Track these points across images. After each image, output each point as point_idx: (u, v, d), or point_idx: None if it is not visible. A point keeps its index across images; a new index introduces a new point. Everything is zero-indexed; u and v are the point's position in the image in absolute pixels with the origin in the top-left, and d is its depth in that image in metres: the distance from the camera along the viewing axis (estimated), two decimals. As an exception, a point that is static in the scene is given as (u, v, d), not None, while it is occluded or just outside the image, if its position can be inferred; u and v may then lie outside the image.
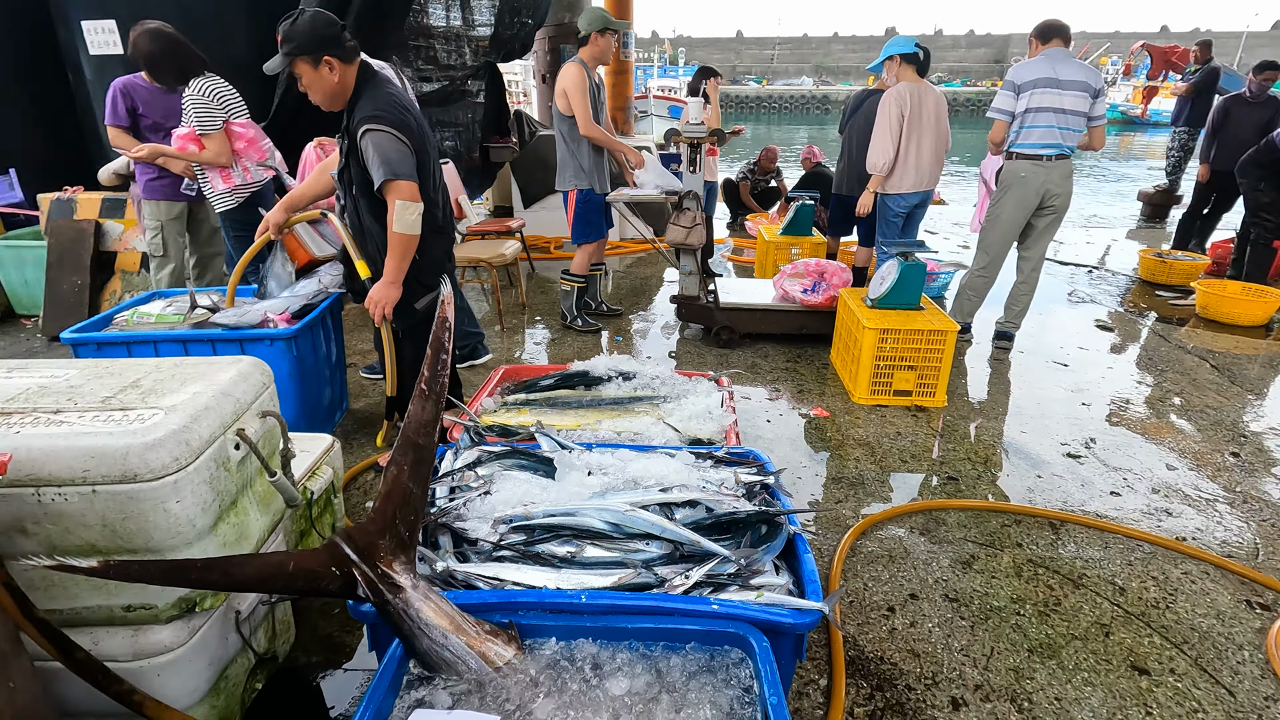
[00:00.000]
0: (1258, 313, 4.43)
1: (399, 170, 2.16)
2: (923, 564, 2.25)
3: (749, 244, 6.44)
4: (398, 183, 2.16)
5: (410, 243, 2.23)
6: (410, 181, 2.18)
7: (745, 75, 51.91)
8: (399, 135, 2.18)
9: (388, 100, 2.22)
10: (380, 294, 2.29)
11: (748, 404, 3.37)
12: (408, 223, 2.19)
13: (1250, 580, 2.18)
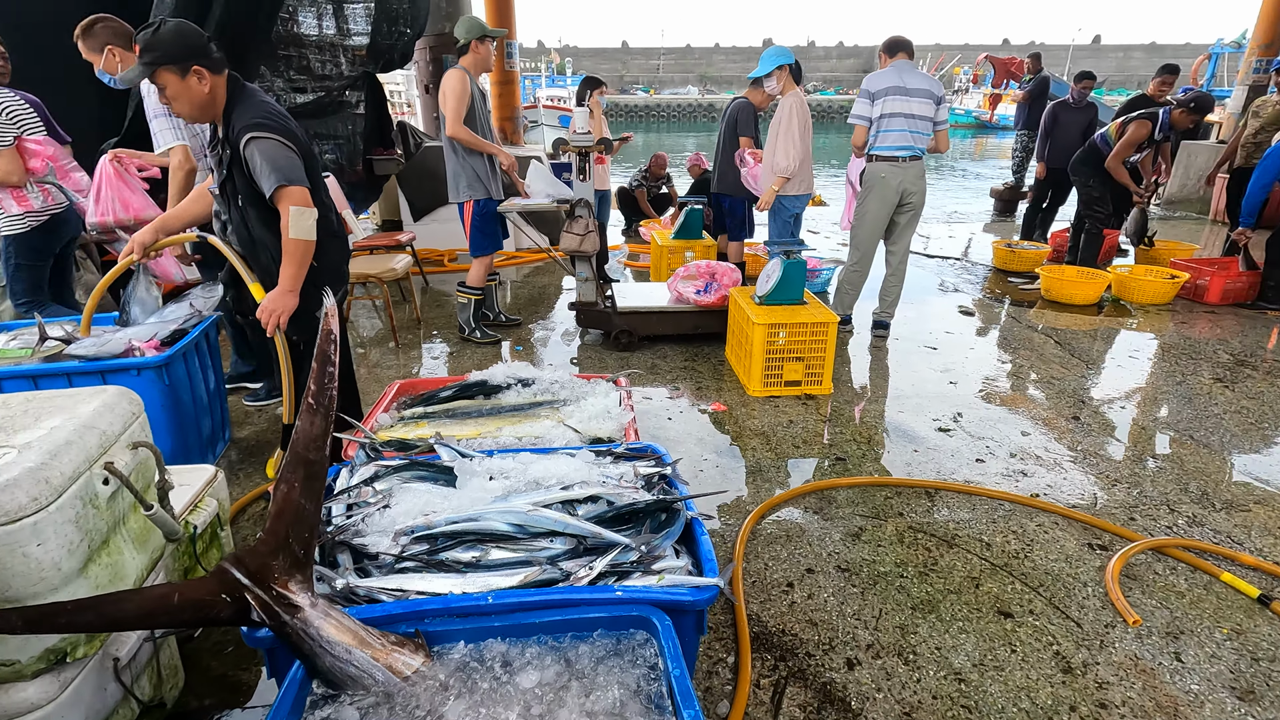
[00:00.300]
0: (1091, 293, 5.01)
1: (290, 176, 2.11)
2: (817, 540, 2.41)
3: (644, 249, 6.59)
4: (290, 189, 2.10)
5: (307, 249, 2.16)
6: (302, 187, 2.13)
7: (633, 85, 52.82)
8: (285, 141, 2.13)
9: (267, 108, 2.18)
10: (276, 302, 2.18)
11: (649, 404, 3.46)
12: (304, 228, 2.13)
13: (1091, 526, 2.49)
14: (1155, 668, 1.88)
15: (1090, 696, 1.79)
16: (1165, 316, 4.84)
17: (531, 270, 6.08)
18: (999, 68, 12.41)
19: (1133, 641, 1.97)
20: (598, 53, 56.85)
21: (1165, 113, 5.13)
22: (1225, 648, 1.94)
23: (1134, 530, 2.45)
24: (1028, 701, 1.77)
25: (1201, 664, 1.89)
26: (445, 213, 6.15)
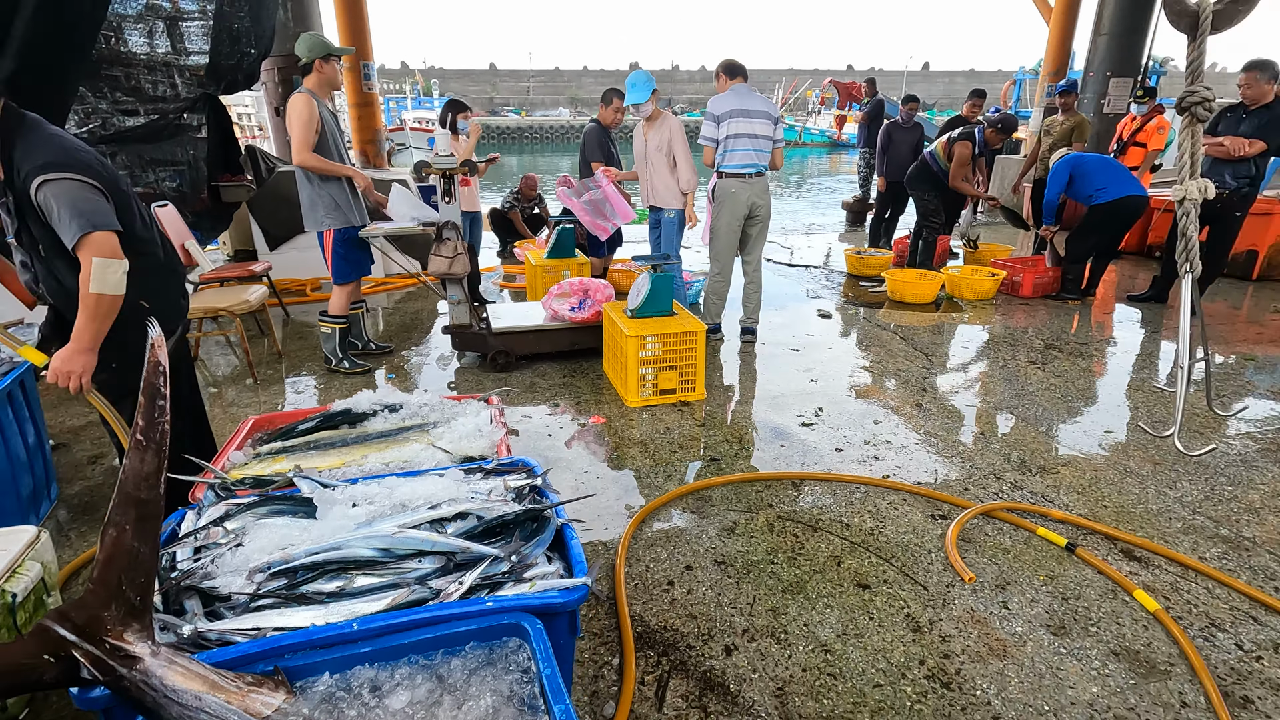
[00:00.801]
0: (928, 292, 5.56)
1: (95, 221, 1.84)
2: (694, 538, 2.51)
3: (520, 270, 6.58)
4: (94, 236, 1.83)
5: (112, 305, 1.90)
6: (109, 232, 1.87)
7: (504, 107, 52.50)
8: (85, 179, 1.86)
9: (56, 144, 1.88)
10: (69, 362, 1.90)
11: (530, 422, 3.47)
12: (109, 282, 1.86)
13: (933, 499, 2.77)
14: (988, 617, 2.12)
15: (936, 649, 1.99)
16: (990, 310, 5.46)
17: (404, 296, 5.90)
18: (842, 91, 13.54)
19: (969, 597, 2.21)
20: (465, 74, 56.10)
21: (980, 130, 5.82)
22: (1042, 592, 2.23)
23: (968, 499, 2.75)
24: (884, 662, 1.95)
25: (1024, 609, 2.15)
26: (305, 240, 5.85)
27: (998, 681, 1.88)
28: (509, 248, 7.55)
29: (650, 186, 4.55)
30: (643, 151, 4.53)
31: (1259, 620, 2.11)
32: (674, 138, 4.39)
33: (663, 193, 4.51)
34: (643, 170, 4.58)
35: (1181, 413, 3.02)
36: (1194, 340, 2.85)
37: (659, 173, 4.47)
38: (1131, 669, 1.92)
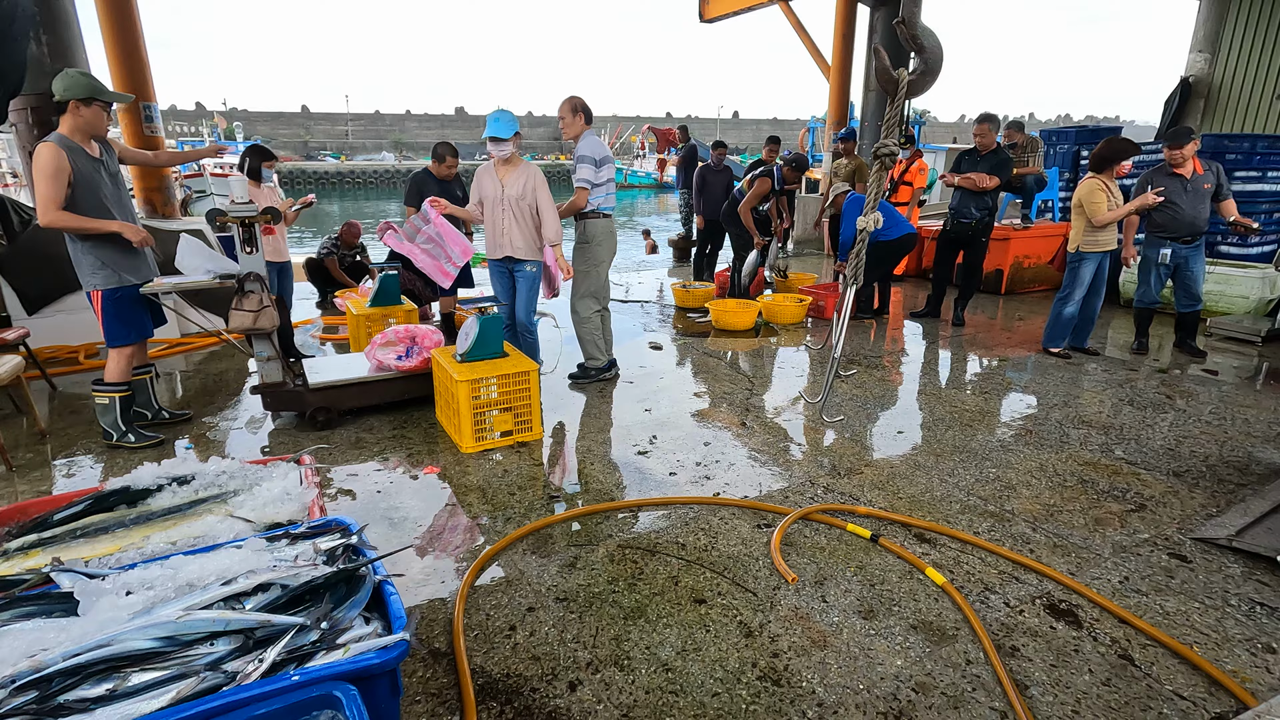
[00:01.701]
0: (747, 319, 6.01)
1: None
2: (536, 578, 2.49)
3: (341, 320, 6.21)
4: None
5: None
6: None
7: (320, 151, 49.69)
8: None
9: None
10: None
11: (357, 480, 3.26)
12: None
13: (759, 510, 2.96)
14: (810, 612, 2.30)
15: (766, 650, 2.12)
16: (801, 332, 6.01)
17: (205, 356, 5.32)
18: (660, 137, 14.42)
19: (793, 596, 2.38)
20: (275, 117, 52.45)
21: (778, 169, 6.47)
22: (854, 582, 2.46)
23: (788, 506, 2.98)
24: (721, 670, 2.04)
25: (839, 599, 2.36)
26: (75, 300, 5.12)
27: (820, 670, 2.04)
28: (329, 298, 7.11)
29: (507, 236, 4.16)
30: (497, 197, 4.14)
31: (1020, 579, 2.48)
32: (539, 187, 4.10)
33: (523, 245, 4.16)
34: (494, 216, 4.18)
35: (829, 388, 3.49)
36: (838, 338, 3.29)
37: (521, 224, 4.13)
38: (927, 639, 2.17)
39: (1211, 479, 3.24)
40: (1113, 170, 4.84)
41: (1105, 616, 2.27)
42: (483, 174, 4.23)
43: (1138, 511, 2.95)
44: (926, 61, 3.03)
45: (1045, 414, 4.09)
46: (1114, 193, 4.84)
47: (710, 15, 11.96)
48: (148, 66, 6.26)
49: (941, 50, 3.07)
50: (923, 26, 3.05)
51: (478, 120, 57.71)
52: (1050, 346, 5.22)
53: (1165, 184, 4.86)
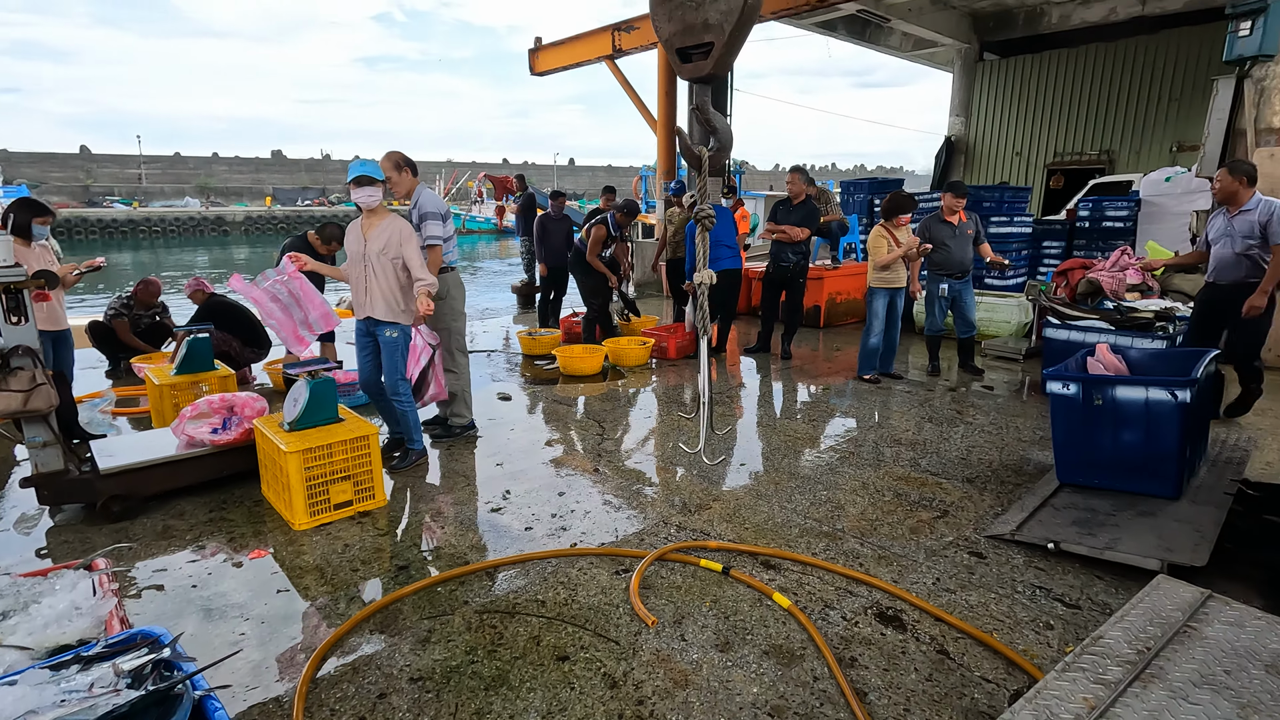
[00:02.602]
0: (595, 364, 6.12)
1: None
2: (386, 660, 2.32)
3: (140, 390, 5.48)
4: None
5: None
6: None
7: (106, 196, 43.95)
8: None
9: None
10: None
11: (166, 576, 2.86)
12: None
13: (616, 555, 3.00)
14: (670, 653, 2.35)
15: (631, 699, 2.14)
16: (647, 373, 6.22)
17: (-45, 446, 4.44)
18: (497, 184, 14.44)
19: (654, 639, 2.43)
20: (46, 158, 45.60)
21: (611, 216, 6.73)
22: (709, 616, 2.56)
23: (645, 549, 3.04)
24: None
25: (698, 636, 2.45)
26: None
27: (683, 710, 2.09)
28: (122, 365, 6.26)
29: (368, 296, 3.79)
30: (359, 253, 3.78)
31: (853, 592, 2.72)
32: (406, 241, 3.72)
33: (383, 306, 3.78)
34: (356, 274, 3.82)
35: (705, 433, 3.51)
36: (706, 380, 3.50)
37: (383, 282, 3.74)
38: (778, 662, 2.30)
39: (996, 482, 3.78)
40: (896, 219, 5.60)
41: (924, 617, 2.55)
42: (351, 229, 3.92)
43: (943, 517, 3.36)
44: (720, 140, 3.40)
45: (863, 435, 4.55)
46: (896, 239, 5.59)
47: (540, 69, 12.31)
48: None
49: (731, 130, 3.47)
50: (714, 111, 3.44)
51: (297, 164, 54.18)
52: (862, 374, 5.84)
53: (939, 229, 5.71)
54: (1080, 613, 2.57)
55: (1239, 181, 4.35)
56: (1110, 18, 13.42)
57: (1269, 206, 4.26)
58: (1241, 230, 4.36)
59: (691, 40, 3.58)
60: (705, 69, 3.52)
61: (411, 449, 4.03)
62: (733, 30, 3.43)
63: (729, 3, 3.43)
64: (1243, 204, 4.36)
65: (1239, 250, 4.39)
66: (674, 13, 3.56)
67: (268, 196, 48.01)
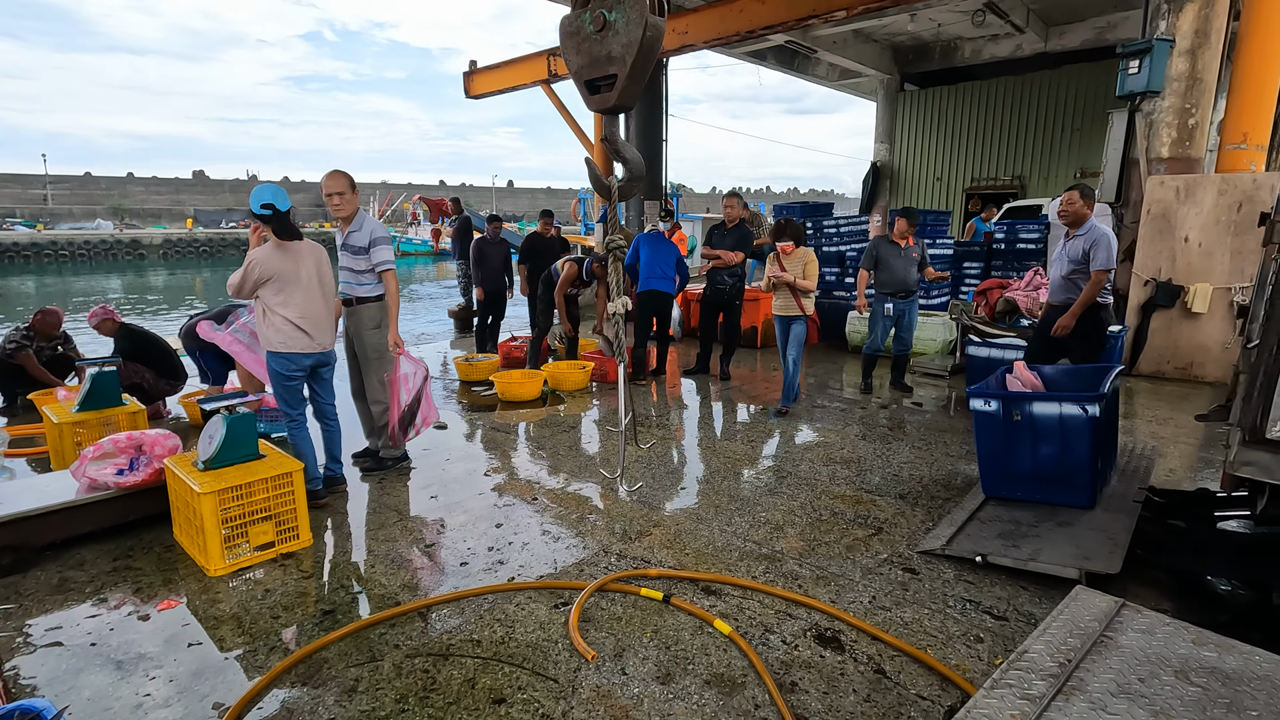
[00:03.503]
0: (534, 390, 6.03)
1: None
2: (309, 714, 2.19)
3: (37, 429, 5.07)
4: None
5: None
6: None
7: (6, 219, 41.13)
8: None
9: None
10: None
11: (62, 633, 2.63)
12: None
13: (555, 589, 2.93)
14: (611, 689, 2.30)
15: (570, 741, 2.07)
16: (587, 397, 6.17)
17: None
18: (433, 206, 14.22)
19: (594, 674, 2.37)
20: (-66, 177, 42.36)
21: (588, 264, 6.67)
22: (650, 647, 2.52)
23: (584, 580, 2.98)
24: (525, 775, 1.94)
25: (639, 669, 2.40)
26: None
27: (624, 749, 2.04)
28: (19, 401, 5.80)
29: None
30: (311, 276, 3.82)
31: (793, 615, 2.73)
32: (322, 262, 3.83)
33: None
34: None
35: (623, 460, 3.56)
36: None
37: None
38: (719, 691, 2.28)
39: (927, 497, 3.89)
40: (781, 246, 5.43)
41: (861, 636, 2.58)
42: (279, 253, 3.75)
43: (877, 535, 3.43)
44: (630, 170, 3.47)
45: (800, 455, 4.62)
46: (782, 265, 5.43)
47: (476, 92, 12.25)
48: None
49: (641, 160, 3.54)
50: (623, 142, 3.52)
51: (221, 185, 52.07)
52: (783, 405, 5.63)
53: (886, 249, 5.89)
54: (1008, 624, 2.65)
55: (1087, 205, 4.42)
56: (1017, 53, 14.37)
57: (1095, 232, 4.34)
58: (1071, 254, 4.45)
59: (598, 72, 3.65)
60: (611, 100, 3.53)
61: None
62: (634, 62, 3.50)
63: (629, 36, 3.55)
64: (1079, 229, 4.45)
65: (1064, 273, 4.50)
66: (580, 45, 3.66)
67: (189, 218, 45.88)
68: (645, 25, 3.58)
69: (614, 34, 3.71)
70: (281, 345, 3.64)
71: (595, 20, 3.70)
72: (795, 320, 5.49)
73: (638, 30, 3.62)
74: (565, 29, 3.90)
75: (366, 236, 3.98)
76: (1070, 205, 4.44)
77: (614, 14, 3.64)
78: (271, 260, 3.54)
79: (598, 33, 3.73)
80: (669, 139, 11.30)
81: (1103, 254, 4.29)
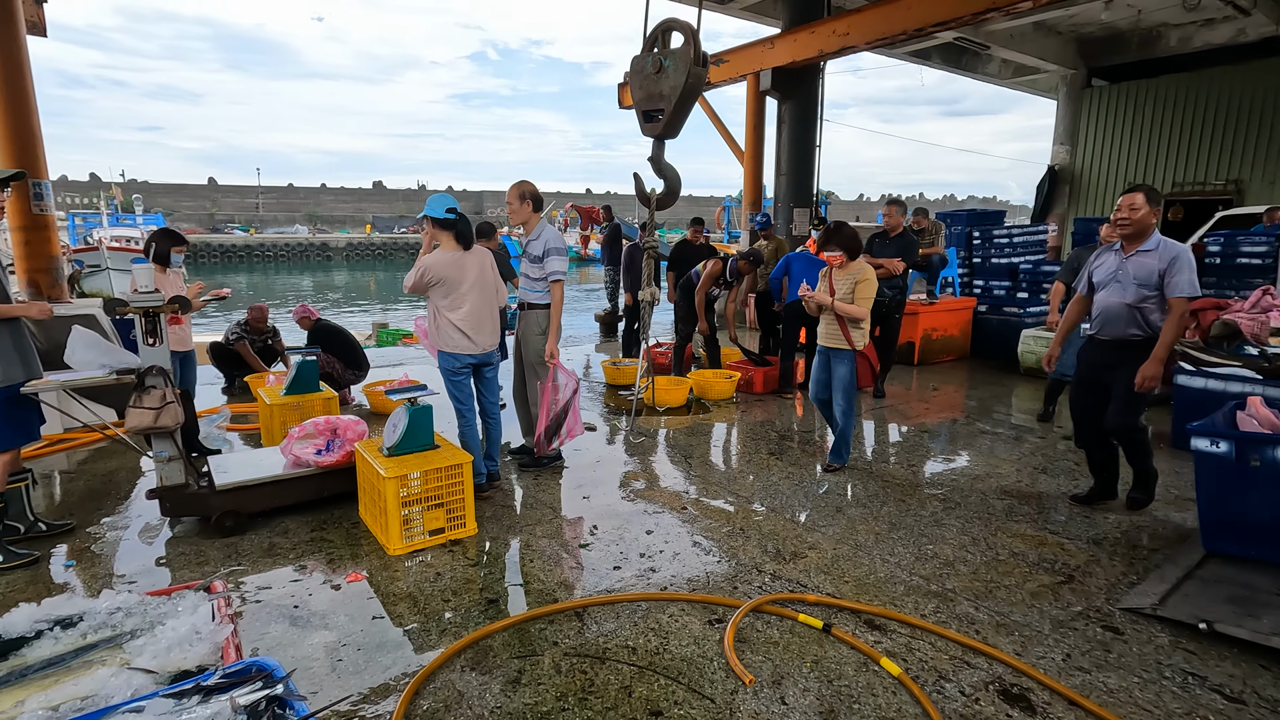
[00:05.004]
0: (680, 396, 6.04)
1: None
2: (477, 700, 2.29)
3: (250, 408, 5.81)
4: None
5: None
6: None
7: (228, 224, 47.97)
8: None
9: None
10: None
11: (269, 594, 2.95)
12: None
13: (708, 604, 2.88)
14: (770, 717, 2.20)
15: (730, 767, 2.00)
16: (732, 408, 6.08)
17: (89, 455, 4.82)
18: (583, 214, 14.77)
19: (751, 699, 2.29)
20: (178, 189, 50.35)
21: (733, 261, 6.66)
22: (811, 679, 2.39)
23: (738, 598, 2.90)
24: (684, 795, 1.90)
25: (799, 700, 2.28)
26: (-63, 396, 4.54)
27: (788, 785, 1.94)
28: (237, 384, 6.67)
29: None
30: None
31: (971, 664, 2.48)
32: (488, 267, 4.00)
33: None
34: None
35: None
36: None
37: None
38: (891, 738, 2.11)
39: (1126, 545, 3.42)
40: (829, 256, 4.34)
41: (1056, 699, 2.29)
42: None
43: (1068, 583, 3.06)
44: (668, 184, 4.62)
45: (969, 484, 4.24)
46: (832, 283, 4.34)
47: (629, 103, 12.54)
48: (40, 142, 5.90)
49: (679, 177, 4.75)
50: (666, 162, 4.70)
51: (395, 194, 57.44)
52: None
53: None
54: (1245, 709, 2.24)
55: (1153, 212, 3.45)
56: (1238, 38, 12.49)
57: (1169, 248, 3.42)
58: (1139, 275, 3.45)
59: (652, 105, 4.60)
60: (658, 129, 4.58)
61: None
62: (677, 101, 4.48)
63: (676, 80, 4.48)
64: (1142, 242, 3.49)
65: (1131, 300, 3.48)
66: (642, 82, 4.65)
67: (368, 224, 51.15)
68: (688, 73, 4.42)
69: (665, 77, 4.60)
70: (446, 344, 3.90)
71: (654, 63, 4.57)
72: (839, 356, 4.32)
73: (681, 76, 4.45)
74: (633, 67, 4.79)
75: (541, 246, 4.19)
76: (1133, 212, 3.45)
77: (668, 61, 4.51)
78: (440, 266, 3.79)
79: (655, 73, 4.62)
80: (822, 144, 10.93)
81: (1185, 275, 3.32)
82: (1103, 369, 3.64)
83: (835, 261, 4.32)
